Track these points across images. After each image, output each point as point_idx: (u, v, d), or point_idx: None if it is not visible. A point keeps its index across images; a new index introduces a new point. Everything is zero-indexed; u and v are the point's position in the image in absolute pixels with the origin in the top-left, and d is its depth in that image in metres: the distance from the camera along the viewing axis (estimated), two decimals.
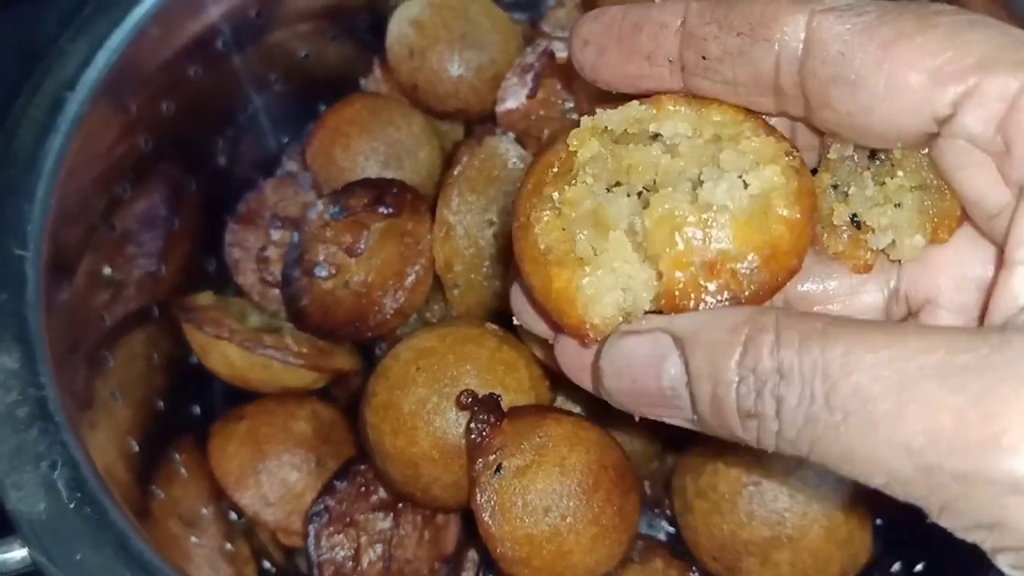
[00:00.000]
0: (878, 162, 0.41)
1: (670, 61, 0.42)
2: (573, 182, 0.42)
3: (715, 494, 0.63)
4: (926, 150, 0.39)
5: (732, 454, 0.63)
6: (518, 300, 0.49)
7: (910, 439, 0.31)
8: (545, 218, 0.42)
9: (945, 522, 0.32)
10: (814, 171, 0.43)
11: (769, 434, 0.35)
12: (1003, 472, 0.30)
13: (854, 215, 0.42)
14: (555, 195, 0.42)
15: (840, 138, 0.41)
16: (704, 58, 0.41)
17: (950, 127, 0.36)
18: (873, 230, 0.42)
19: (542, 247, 0.42)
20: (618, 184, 0.41)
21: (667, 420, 0.40)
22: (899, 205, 0.40)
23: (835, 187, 0.43)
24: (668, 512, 0.72)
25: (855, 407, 0.32)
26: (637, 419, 0.42)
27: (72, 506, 0.54)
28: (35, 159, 0.64)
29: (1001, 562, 0.33)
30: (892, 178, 0.40)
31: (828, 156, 0.42)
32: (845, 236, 0.43)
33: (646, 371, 0.38)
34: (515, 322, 0.50)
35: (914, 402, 0.31)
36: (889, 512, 0.68)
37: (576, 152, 0.42)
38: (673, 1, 0.42)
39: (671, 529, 0.74)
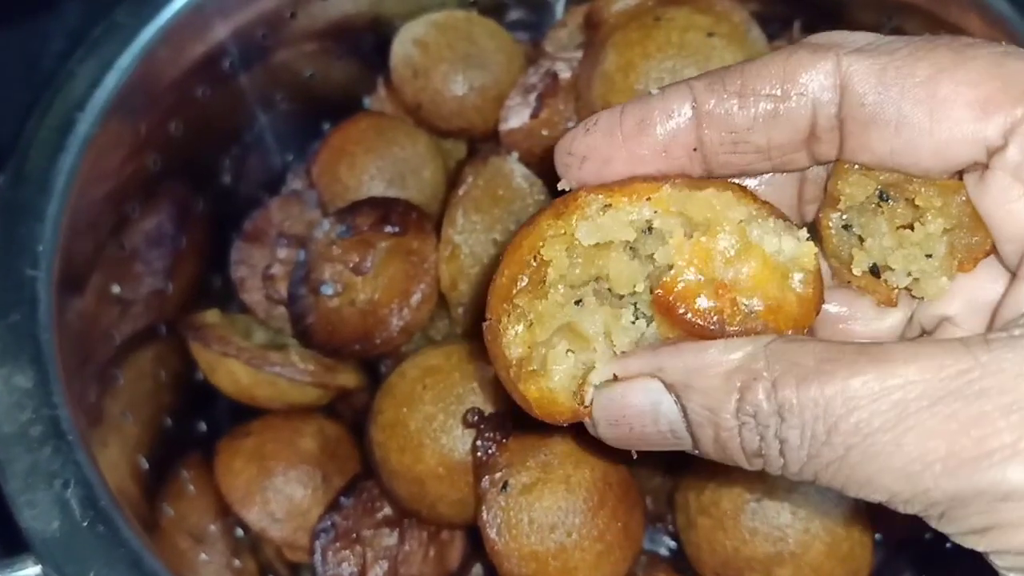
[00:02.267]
0: (890, 202, 0.40)
1: (694, 150, 0.40)
2: (543, 296, 0.40)
3: (717, 511, 0.63)
4: (964, 196, 0.38)
5: (734, 471, 0.64)
6: None
7: (907, 466, 0.32)
8: (513, 329, 0.40)
9: (944, 528, 0.34)
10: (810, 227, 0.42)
11: (774, 468, 0.36)
12: (992, 483, 0.31)
13: (874, 265, 0.41)
14: (524, 305, 0.40)
15: (865, 178, 0.40)
16: (732, 132, 0.39)
17: (1000, 158, 0.36)
18: (893, 269, 0.41)
19: (511, 359, 0.40)
20: (594, 284, 0.40)
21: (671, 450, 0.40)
22: (930, 256, 0.40)
23: (847, 227, 0.42)
24: (671, 527, 0.73)
25: (856, 442, 0.33)
26: (635, 456, 0.41)
27: (85, 524, 0.54)
28: (46, 179, 0.65)
29: (998, 564, 0.34)
30: (923, 224, 0.39)
31: (840, 196, 0.41)
32: (863, 279, 0.42)
33: (642, 419, 0.38)
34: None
35: (910, 432, 0.32)
36: (888, 528, 0.69)
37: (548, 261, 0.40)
38: (672, 87, 0.40)
39: (673, 544, 0.75)
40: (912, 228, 0.40)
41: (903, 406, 0.32)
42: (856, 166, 0.40)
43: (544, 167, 0.76)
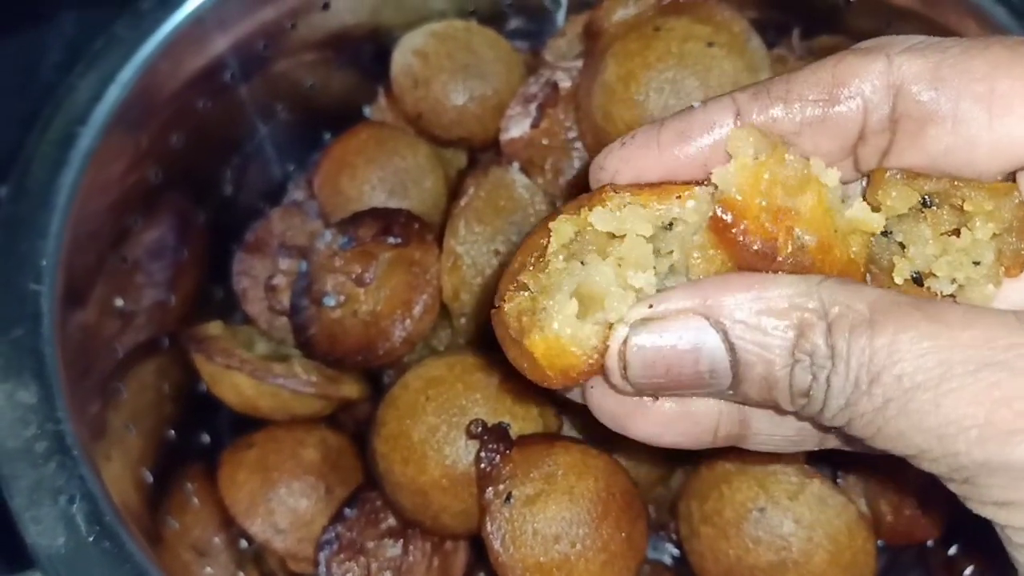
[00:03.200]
0: (933, 208, 0.39)
1: None
2: (544, 269, 0.39)
3: (720, 519, 0.63)
4: (1017, 198, 0.38)
5: (737, 479, 0.64)
6: None
7: (941, 427, 0.32)
8: (516, 300, 0.39)
9: (963, 494, 0.34)
10: None
11: (814, 409, 0.36)
12: (1023, 459, 0.32)
13: (917, 274, 0.40)
14: (527, 281, 0.39)
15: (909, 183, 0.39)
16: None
17: None
18: (937, 276, 0.40)
19: (512, 328, 0.39)
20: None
21: (689, 397, 0.39)
22: (978, 263, 0.39)
23: (886, 234, 0.41)
24: (674, 536, 0.73)
25: (895, 395, 0.33)
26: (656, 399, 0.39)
27: (91, 539, 0.54)
28: (48, 194, 0.65)
29: (1013, 540, 0.35)
30: (970, 230, 0.38)
31: (881, 207, 0.40)
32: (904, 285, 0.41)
33: (682, 359, 0.37)
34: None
35: (951, 394, 0.32)
36: (891, 535, 0.69)
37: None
38: (714, 99, 0.40)
39: (676, 552, 0.75)
40: (958, 234, 0.39)
41: (947, 367, 0.32)
42: (898, 174, 0.39)
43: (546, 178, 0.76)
